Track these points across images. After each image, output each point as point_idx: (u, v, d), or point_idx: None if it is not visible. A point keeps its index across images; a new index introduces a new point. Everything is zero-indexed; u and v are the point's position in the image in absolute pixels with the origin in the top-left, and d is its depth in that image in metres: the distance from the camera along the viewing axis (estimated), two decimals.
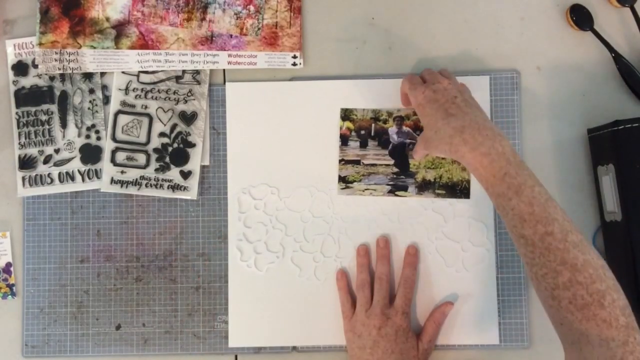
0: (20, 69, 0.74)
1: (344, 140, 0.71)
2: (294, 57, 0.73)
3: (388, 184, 0.70)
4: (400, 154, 0.70)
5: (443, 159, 0.70)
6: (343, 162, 0.70)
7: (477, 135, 0.58)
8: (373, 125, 0.70)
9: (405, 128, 0.70)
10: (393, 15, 0.74)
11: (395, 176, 0.70)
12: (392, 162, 0.70)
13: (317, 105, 0.72)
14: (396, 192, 0.70)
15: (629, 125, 0.65)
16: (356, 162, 0.70)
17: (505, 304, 0.70)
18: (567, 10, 0.72)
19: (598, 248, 0.70)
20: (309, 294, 0.71)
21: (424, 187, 0.70)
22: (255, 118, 0.72)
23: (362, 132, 0.70)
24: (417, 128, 0.70)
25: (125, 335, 0.72)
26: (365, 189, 0.70)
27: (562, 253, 0.53)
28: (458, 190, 0.70)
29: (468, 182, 0.69)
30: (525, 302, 0.70)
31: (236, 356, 0.71)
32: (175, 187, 0.72)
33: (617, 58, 0.71)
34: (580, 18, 0.71)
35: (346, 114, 0.70)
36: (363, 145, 0.71)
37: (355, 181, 0.70)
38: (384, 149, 0.70)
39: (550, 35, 0.73)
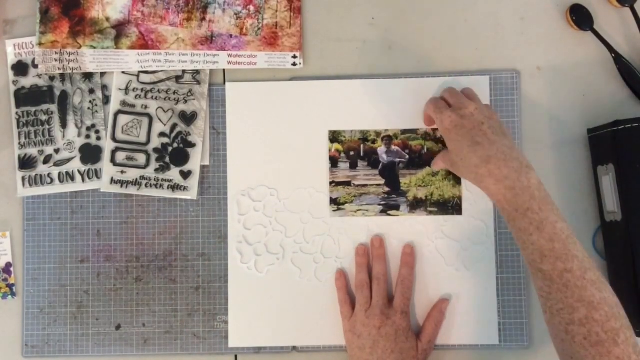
0: (20, 69, 0.74)
1: (334, 162, 0.70)
2: (294, 57, 0.73)
3: (380, 204, 0.70)
4: (391, 174, 0.70)
5: (434, 176, 0.70)
6: (334, 184, 0.70)
7: (503, 167, 0.58)
8: (362, 145, 0.70)
9: (394, 147, 0.70)
10: (393, 15, 0.74)
11: (386, 196, 0.70)
12: (382, 181, 0.70)
13: (317, 106, 0.72)
14: (388, 212, 0.70)
15: (629, 125, 0.65)
16: (347, 184, 0.70)
17: (505, 303, 0.70)
18: (567, 10, 0.72)
19: (598, 248, 0.70)
20: (309, 295, 0.71)
21: (416, 205, 0.70)
22: (255, 118, 0.72)
23: (352, 153, 0.70)
24: (406, 147, 0.70)
25: (125, 335, 0.72)
26: (358, 210, 0.70)
27: (580, 290, 0.54)
28: (450, 207, 0.70)
29: (460, 198, 0.69)
30: (525, 302, 0.70)
31: (236, 356, 0.71)
32: (175, 187, 0.72)
33: (617, 58, 0.71)
34: (580, 18, 0.71)
35: (334, 136, 0.70)
36: (353, 166, 0.71)
37: (346, 202, 0.70)
38: (374, 169, 0.70)
39: (550, 35, 0.73)
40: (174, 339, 0.71)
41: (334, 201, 0.70)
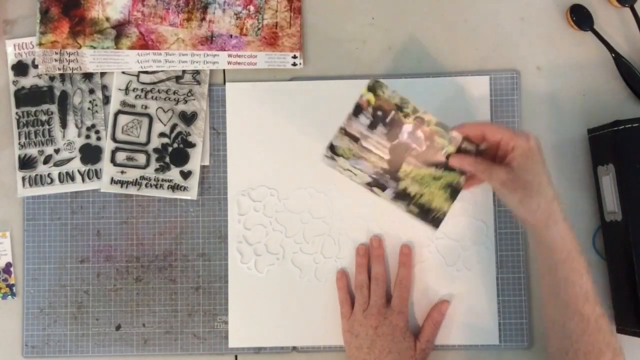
0: (20, 69, 0.74)
1: (357, 110, 0.64)
2: (294, 57, 0.73)
3: (371, 176, 0.64)
4: (398, 153, 0.65)
5: (435, 179, 0.64)
6: (344, 131, 0.64)
7: (562, 208, 0.59)
8: (393, 112, 0.63)
9: (419, 132, 0.64)
10: (393, 15, 0.74)
11: (382, 172, 0.64)
12: (387, 157, 0.64)
13: (317, 106, 0.72)
14: (372, 187, 0.65)
15: (629, 125, 0.65)
16: (355, 139, 0.64)
17: (505, 304, 0.70)
18: (567, 10, 0.72)
19: (598, 248, 0.70)
20: (309, 295, 0.71)
21: (401, 196, 0.64)
22: (255, 118, 0.72)
23: (379, 112, 0.64)
24: (429, 139, 0.63)
25: (125, 336, 0.72)
26: (347, 170, 0.64)
27: (609, 336, 0.58)
28: (431, 217, 0.64)
29: (444, 214, 0.64)
30: (525, 303, 0.70)
31: (236, 356, 0.71)
32: (175, 187, 0.72)
33: (617, 58, 0.71)
34: (580, 18, 0.71)
35: (374, 86, 0.63)
36: (372, 126, 0.64)
37: (342, 156, 0.64)
38: (388, 141, 0.64)
39: (550, 35, 0.73)
40: (174, 339, 0.71)
41: (332, 147, 0.64)
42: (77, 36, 0.73)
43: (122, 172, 0.72)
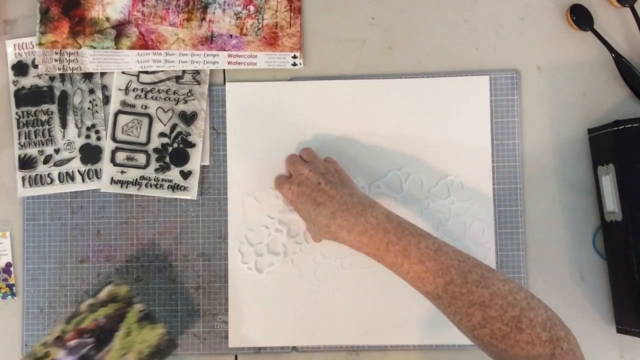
0: (20, 69, 0.74)
1: None
2: (294, 57, 0.73)
3: None
4: None
5: (128, 335, 0.63)
6: None
7: (348, 217, 0.59)
8: None
9: (70, 343, 0.62)
10: (393, 15, 0.74)
11: None
12: None
13: (317, 106, 0.72)
14: None
15: (629, 125, 0.65)
16: None
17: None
18: (567, 10, 0.72)
19: (598, 248, 0.70)
20: (309, 295, 0.71)
21: None
22: (255, 118, 0.72)
23: None
24: (83, 332, 0.62)
25: None
26: None
27: (468, 296, 0.54)
28: (164, 347, 0.63)
29: (167, 333, 0.63)
30: None
31: (236, 356, 0.71)
32: (175, 187, 0.72)
33: (617, 58, 0.71)
34: (580, 18, 0.71)
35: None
36: None
37: None
38: None
39: (550, 35, 0.73)
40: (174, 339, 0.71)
41: None
42: (77, 36, 0.73)
43: (122, 172, 0.72)
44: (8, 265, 0.73)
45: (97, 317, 0.64)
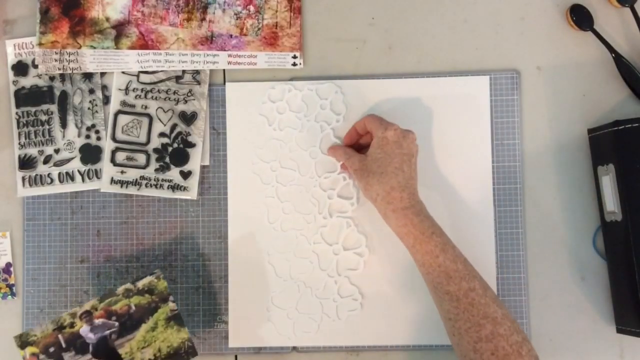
0: (20, 69, 0.74)
1: None
2: (294, 57, 0.73)
3: None
4: (106, 350, 0.61)
5: (154, 330, 0.63)
6: None
7: (412, 197, 0.61)
8: (60, 336, 0.61)
9: (97, 321, 0.62)
10: (393, 15, 0.74)
11: None
12: None
13: (317, 106, 0.72)
14: None
15: (629, 125, 0.65)
16: None
17: (505, 304, 0.69)
18: (567, 10, 0.72)
19: (598, 248, 0.70)
20: (309, 295, 0.71)
21: None
22: (255, 118, 0.72)
23: (51, 349, 0.61)
24: (111, 314, 0.62)
25: None
26: None
27: (485, 307, 0.57)
28: (182, 353, 0.63)
29: (189, 340, 0.63)
30: (525, 303, 0.70)
31: (236, 356, 0.71)
32: (175, 187, 0.72)
33: (617, 58, 0.71)
34: (580, 18, 0.71)
35: (23, 341, 0.61)
36: None
37: None
38: (85, 355, 0.61)
39: (550, 35, 0.73)
40: None
41: None
42: (77, 36, 0.73)
43: (122, 172, 0.72)
44: (8, 265, 0.73)
45: (129, 303, 0.63)
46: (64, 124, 0.73)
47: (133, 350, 0.62)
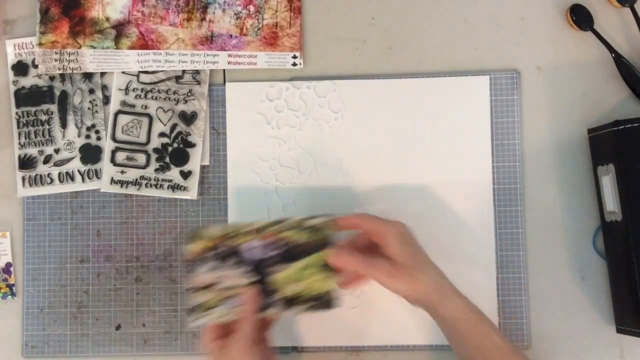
0: (20, 69, 0.74)
1: (195, 265, 0.62)
2: (294, 57, 0.73)
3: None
4: (259, 270, 0.63)
5: (305, 270, 0.62)
6: (194, 289, 0.62)
7: (451, 281, 0.61)
8: (225, 243, 0.63)
9: (261, 242, 0.62)
10: (393, 15, 0.74)
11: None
12: (253, 279, 0.62)
13: (317, 106, 0.72)
14: (261, 312, 0.62)
15: (629, 125, 0.65)
16: (210, 287, 0.62)
17: (505, 304, 0.70)
18: (567, 10, 0.72)
19: (598, 248, 0.70)
20: None
21: (288, 303, 0.62)
22: (255, 118, 0.72)
23: (215, 252, 0.63)
24: (275, 240, 0.62)
25: (125, 336, 0.72)
26: (225, 315, 0.62)
27: None
28: (325, 300, 0.62)
29: (331, 291, 0.62)
30: (525, 303, 0.70)
31: None
32: (175, 187, 0.72)
33: (617, 58, 0.71)
34: (580, 18, 0.71)
35: (192, 237, 0.63)
36: (216, 266, 0.63)
37: (210, 308, 0.62)
38: (241, 268, 0.63)
39: (550, 35, 0.73)
40: (174, 339, 0.71)
41: (195, 309, 0.62)
42: (77, 36, 0.73)
43: (122, 172, 0.72)
44: (8, 265, 0.73)
45: (294, 237, 0.62)
46: (64, 124, 0.73)
47: (282, 281, 0.62)
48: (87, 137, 0.73)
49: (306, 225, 0.62)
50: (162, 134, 0.73)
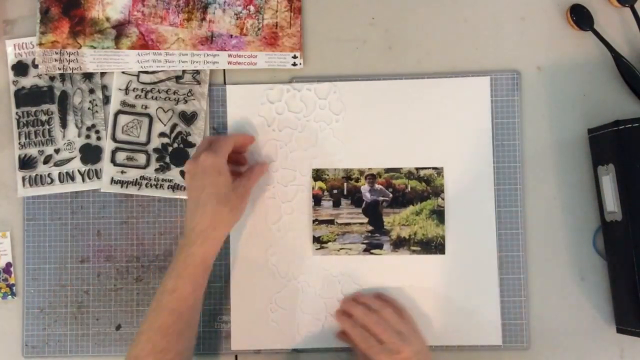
0: (20, 69, 0.74)
1: (317, 200, 0.70)
2: (294, 57, 0.73)
3: (363, 242, 0.70)
4: (374, 212, 0.70)
5: (417, 215, 0.69)
6: (317, 222, 0.70)
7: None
8: (345, 184, 0.70)
9: (377, 186, 0.70)
10: (393, 15, 0.74)
11: (369, 234, 0.70)
12: (366, 220, 0.70)
13: (316, 106, 0.72)
14: (371, 251, 0.70)
15: (629, 125, 0.65)
16: (330, 222, 0.70)
17: (504, 304, 0.70)
18: (567, 10, 0.72)
19: (598, 248, 0.70)
20: (309, 297, 0.71)
21: (399, 244, 0.69)
22: (255, 118, 0.72)
23: (335, 191, 0.70)
24: (389, 185, 0.70)
25: (125, 335, 0.72)
26: (341, 249, 0.69)
27: None
28: (433, 246, 0.69)
29: (443, 237, 0.69)
30: (525, 303, 0.70)
31: (236, 356, 0.71)
32: (175, 187, 0.72)
33: (617, 58, 0.71)
34: (581, 18, 0.71)
35: (318, 174, 0.70)
36: (336, 204, 0.70)
37: (330, 241, 0.70)
38: (358, 208, 0.70)
39: (550, 35, 0.73)
40: None
41: (316, 239, 0.70)
42: (77, 36, 0.73)
43: (122, 172, 0.72)
44: (8, 265, 0.73)
45: (407, 184, 0.69)
46: (64, 124, 0.73)
47: (394, 223, 0.69)
48: (87, 137, 0.73)
49: (419, 175, 0.69)
50: (162, 134, 0.73)
